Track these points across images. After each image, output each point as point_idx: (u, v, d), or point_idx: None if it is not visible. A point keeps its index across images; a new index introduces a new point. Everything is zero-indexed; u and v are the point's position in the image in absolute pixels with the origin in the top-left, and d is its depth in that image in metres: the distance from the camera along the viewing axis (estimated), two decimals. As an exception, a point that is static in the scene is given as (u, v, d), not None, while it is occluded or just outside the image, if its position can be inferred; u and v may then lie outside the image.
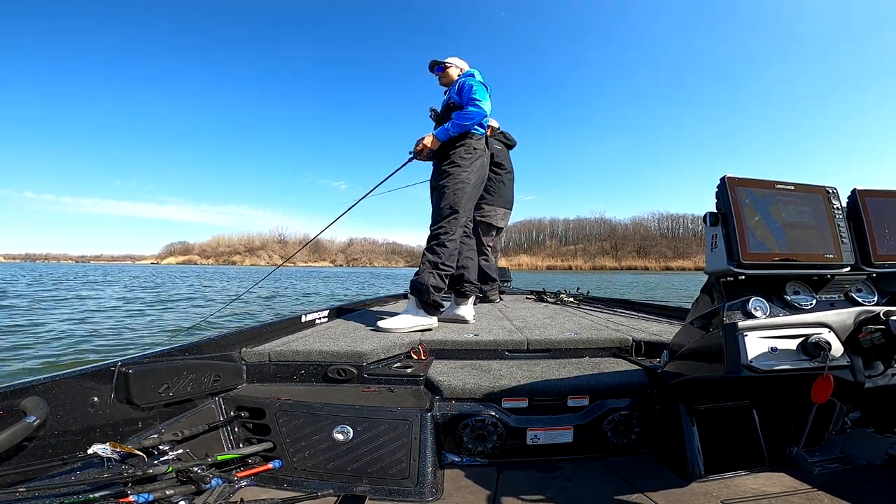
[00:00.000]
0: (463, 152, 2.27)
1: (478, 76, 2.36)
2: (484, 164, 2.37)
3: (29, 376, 0.99)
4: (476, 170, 2.30)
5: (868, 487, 1.04)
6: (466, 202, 2.27)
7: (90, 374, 1.04)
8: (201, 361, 1.33)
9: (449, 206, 2.22)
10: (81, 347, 4.73)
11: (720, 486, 1.08)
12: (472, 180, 2.28)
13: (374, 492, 1.08)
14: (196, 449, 1.13)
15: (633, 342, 1.72)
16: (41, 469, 0.88)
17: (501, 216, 3.65)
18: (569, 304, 3.34)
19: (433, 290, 2.12)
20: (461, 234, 2.31)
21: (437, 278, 2.15)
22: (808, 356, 0.94)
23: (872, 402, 1.23)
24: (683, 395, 1.23)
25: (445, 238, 2.19)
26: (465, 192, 2.25)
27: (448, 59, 2.51)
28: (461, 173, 2.25)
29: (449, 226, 2.21)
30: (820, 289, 1.06)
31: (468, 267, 2.45)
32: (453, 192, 2.23)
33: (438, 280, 2.16)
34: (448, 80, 2.49)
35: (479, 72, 2.41)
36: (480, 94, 2.23)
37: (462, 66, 2.50)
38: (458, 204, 2.22)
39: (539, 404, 1.31)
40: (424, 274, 2.15)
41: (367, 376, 1.50)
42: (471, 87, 2.24)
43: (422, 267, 2.20)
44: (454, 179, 2.24)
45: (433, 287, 2.12)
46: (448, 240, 2.19)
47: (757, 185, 1.01)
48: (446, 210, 2.22)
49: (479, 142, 2.34)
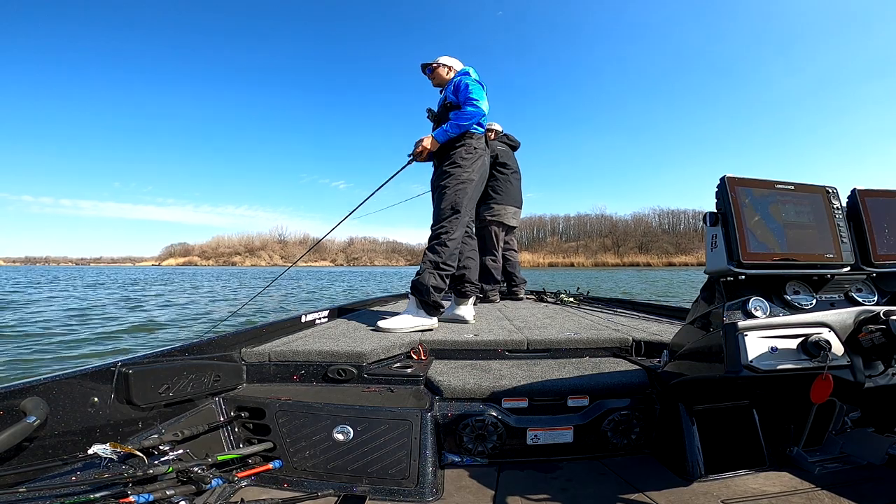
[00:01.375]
0: (463, 152, 2.27)
1: (473, 74, 2.34)
2: (485, 164, 2.35)
3: (29, 377, 0.99)
4: (477, 169, 2.29)
5: (868, 487, 1.04)
6: (468, 202, 2.27)
7: (90, 374, 1.04)
8: (201, 361, 1.34)
9: (450, 206, 2.21)
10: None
11: (720, 486, 1.08)
12: (474, 180, 2.27)
13: (374, 492, 1.08)
14: (196, 449, 1.13)
15: (633, 342, 1.72)
16: (41, 469, 0.89)
17: (512, 214, 3.68)
18: (569, 304, 3.34)
19: (433, 291, 2.11)
20: (463, 234, 2.30)
21: (438, 279, 2.15)
22: (808, 356, 0.94)
23: (872, 402, 1.23)
24: (683, 395, 1.23)
25: (447, 238, 2.19)
26: (467, 192, 2.24)
27: (439, 59, 2.48)
28: (462, 173, 2.24)
29: (450, 225, 2.20)
30: (820, 289, 1.06)
31: (469, 267, 2.45)
32: (454, 193, 2.22)
33: (439, 280, 2.15)
34: (440, 80, 2.46)
35: (474, 69, 2.38)
36: (477, 93, 2.21)
37: (455, 64, 2.46)
38: (460, 204, 2.22)
39: (539, 404, 1.31)
40: (425, 274, 2.15)
41: (367, 376, 1.50)
42: (467, 86, 2.22)
43: (422, 267, 2.20)
44: (455, 180, 2.23)
45: (433, 287, 2.12)
46: (449, 239, 2.19)
47: (757, 185, 1.01)
48: (448, 210, 2.22)
49: (479, 141, 2.33)
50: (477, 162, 2.29)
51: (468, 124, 2.23)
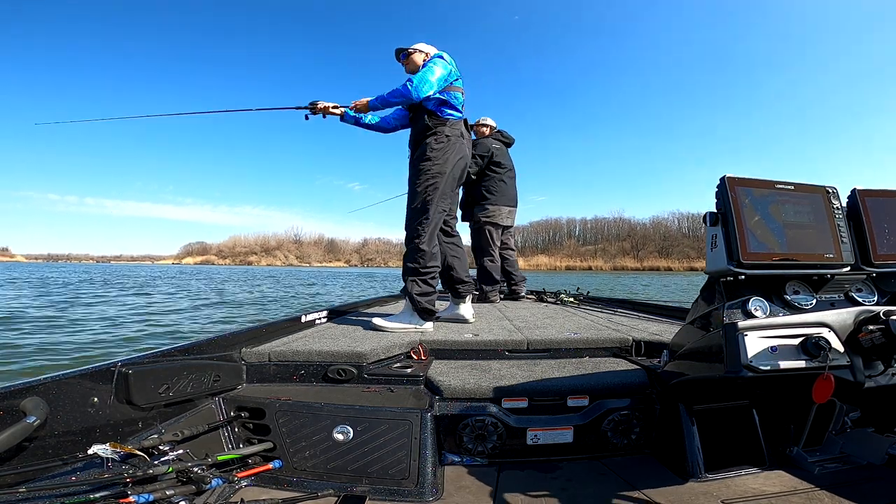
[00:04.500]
0: (433, 142, 2.13)
1: (447, 58, 2.19)
2: (460, 151, 2.19)
3: (30, 377, 0.99)
4: (450, 159, 2.14)
5: (868, 487, 1.04)
6: (439, 199, 2.13)
7: (90, 374, 1.04)
8: (201, 361, 1.33)
9: (419, 207, 2.13)
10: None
11: (720, 486, 1.08)
12: (445, 172, 2.13)
13: (374, 492, 1.08)
14: (196, 449, 1.13)
15: (633, 342, 1.72)
16: (41, 469, 0.88)
17: (506, 214, 3.66)
18: (569, 304, 3.34)
19: (421, 299, 2.07)
20: (436, 232, 2.19)
21: (422, 284, 2.10)
22: (808, 356, 0.94)
23: (872, 402, 1.23)
24: (683, 394, 1.23)
25: (419, 243, 2.10)
26: (437, 187, 2.11)
27: (414, 45, 2.34)
28: (431, 167, 2.11)
29: (421, 229, 2.11)
30: (820, 289, 1.06)
31: (455, 266, 2.37)
32: (424, 191, 2.11)
33: (424, 286, 2.10)
34: (413, 66, 2.30)
35: (448, 55, 2.23)
36: (429, 73, 2.08)
37: (428, 50, 2.31)
38: (429, 203, 2.11)
39: (539, 404, 1.31)
40: (408, 284, 2.11)
41: (367, 376, 1.50)
42: (425, 65, 2.12)
43: (405, 277, 2.15)
44: (424, 175, 2.12)
45: (419, 295, 2.07)
46: (422, 244, 2.10)
47: (757, 185, 1.01)
48: (417, 212, 2.13)
49: (454, 128, 2.17)
50: (449, 151, 2.14)
51: (397, 101, 2.12)
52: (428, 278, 2.12)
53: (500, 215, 3.60)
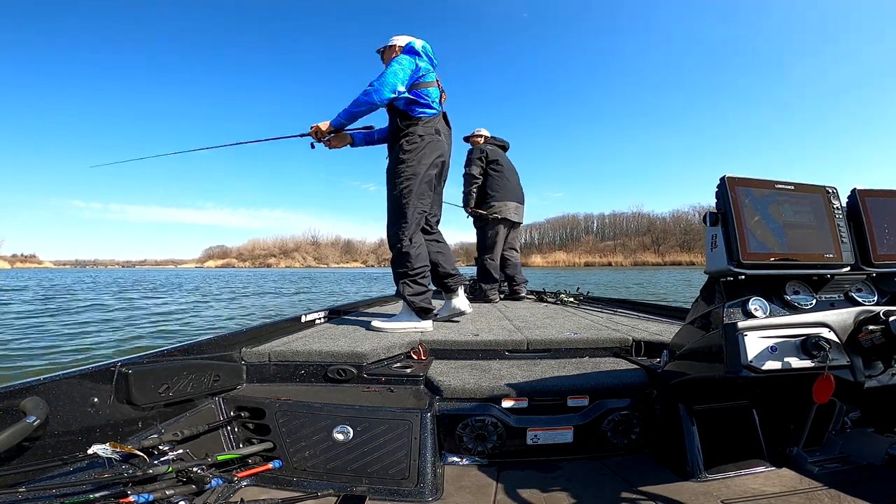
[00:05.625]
0: (405, 144, 2.08)
1: (418, 47, 2.09)
2: (436, 149, 2.13)
3: (29, 377, 0.99)
4: (424, 159, 2.09)
5: (868, 487, 1.04)
6: (415, 201, 2.09)
7: (90, 374, 1.04)
8: (201, 361, 1.33)
9: (396, 211, 2.10)
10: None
11: (720, 486, 1.08)
12: (419, 174, 2.08)
13: (374, 492, 1.08)
14: (196, 449, 1.13)
15: (633, 342, 1.72)
16: (41, 469, 0.88)
17: (514, 210, 3.68)
18: (569, 304, 3.34)
19: (415, 299, 2.07)
20: (417, 232, 2.16)
21: (413, 285, 2.10)
22: (808, 356, 0.94)
23: (872, 402, 1.23)
24: (683, 394, 1.23)
25: (402, 246, 2.09)
26: (412, 189, 2.08)
27: (390, 41, 2.23)
28: (405, 169, 2.07)
29: (401, 233, 2.09)
30: (820, 289, 1.06)
31: (440, 262, 2.34)
32: (399, 195, 2.08)
33: (416, 287, 2.10)
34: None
35: (422, 42, 2.11)
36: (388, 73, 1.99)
37: (400, 42, 2.18)
38: (406, 206, 2.08)
39: (539, 404, 1.31)
40: (400, 286, 2.11)
41: (367, 376, 1.50)
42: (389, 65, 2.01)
43: (396, 282, 2.15)
44: (399, 178, 2.08)
45: (412, 295, 2.08)
46: (404, 247, 2.09)
47: (757, 185, 1.01)
48: (396, 216, 2.11)
49: (427, 125, 2.10)
50: (423, 151, 2.08)
51: (359, 111, 2.04)
52: (418, 278, 2.12)
53: (507, 210, 3.62)
